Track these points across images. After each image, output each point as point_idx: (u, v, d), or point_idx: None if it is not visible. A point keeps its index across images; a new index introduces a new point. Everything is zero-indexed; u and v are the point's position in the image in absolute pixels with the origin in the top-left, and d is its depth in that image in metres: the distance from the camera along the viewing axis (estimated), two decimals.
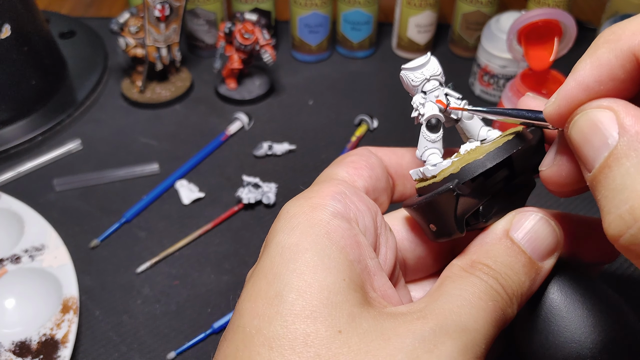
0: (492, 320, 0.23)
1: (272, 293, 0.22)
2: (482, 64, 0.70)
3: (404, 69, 0.27)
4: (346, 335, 0.21)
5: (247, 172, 0.62)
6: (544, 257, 0.25)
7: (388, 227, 0.28)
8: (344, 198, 0.25)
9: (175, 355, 0.47)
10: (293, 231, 0.24)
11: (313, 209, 0.24)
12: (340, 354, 0.20)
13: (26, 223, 0.53)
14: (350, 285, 0.23)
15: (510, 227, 0.25)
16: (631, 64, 0.20)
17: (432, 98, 0.27)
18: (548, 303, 0.25)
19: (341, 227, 0.24)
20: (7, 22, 0.62)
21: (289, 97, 0.74)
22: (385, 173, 0.30)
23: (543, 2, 0.72)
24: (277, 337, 0.21)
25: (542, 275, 0.25)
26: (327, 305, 0.22)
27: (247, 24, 0.66)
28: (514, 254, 0.24)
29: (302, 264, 0.23)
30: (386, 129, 0.69)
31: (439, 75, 0.27)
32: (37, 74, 0.67)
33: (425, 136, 0.27)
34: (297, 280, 0.22)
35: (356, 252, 0.24)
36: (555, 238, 0.25)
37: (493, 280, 0.24)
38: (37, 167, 0.63)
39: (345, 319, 0.21)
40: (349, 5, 0.76)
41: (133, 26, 0.67)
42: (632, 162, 0.18)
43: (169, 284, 0.52)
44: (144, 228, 0.57)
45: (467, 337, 0.22)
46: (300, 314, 0.21)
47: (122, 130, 0.68)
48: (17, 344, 0.44)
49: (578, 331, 0.24)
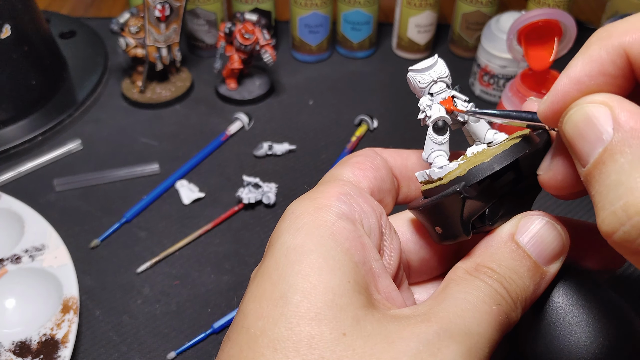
0: (496, 324, 0.23)
1: (277, 294, 0.22)
2: (482, 64, 0.70)
3: (411, 70, 0.27)
4: (351, 338, 0.21)
5: (247, 172, 0.62)
6: (549, 261, 0.25)
7: (392, 229, 0.28)
8: (349, 199, 0.25)
9: (175, 355, 0.47)
10: (298, 232, 0.24)
11: (318, 209, 0.24)
12: (345, 356, 0.20)
13: (26, 223, 0.53)
14: (355, 288, 0.23)
15: (516, 231, 0.25)
16: (622, 60, 0.20)
17: (439, 99, 0.27)
18: (553, 307, 0.25)
19: (346, 228, 0.24)
20: (7, 22, 0.62)
21: (289, 97, 0.74)
22: (390, 174, 0.29)
23: (543, 2, 0.72)
24: (282, 339, 0.21)
25: (547, 279, 0.25)
26: (332, 307, 0.21)
27: (247, 24, 0.66)
28: (519, 258, 0.24)
29: (307, 265, 0.22)
30: (386, 129, 0.69)
31: (447, 77, 0.27)
32: (37, 74, 0.67)
33: (432, 138, 0.27)
34: (302, 282, 0.22)
35: (361, 253, 0.24)
36: (561, 242, 0.25)
37: (497, 284, 0.24)
38: (38, 167, 0.63)
39: (350, 322, 0.21)
40: (349, 5, 0.76)
41: (133, 26, 0.67)
42: (626, 158, 0.18)
43: (169, 284, 0.52)
44: (144, 228, 0.57)
45: (470, 341, 0.22)
46: (304, 315, 0.21)
47: (122, 130, 0.68)
48: (18, 344, 0.44)
49: (583, 336, 0.24)
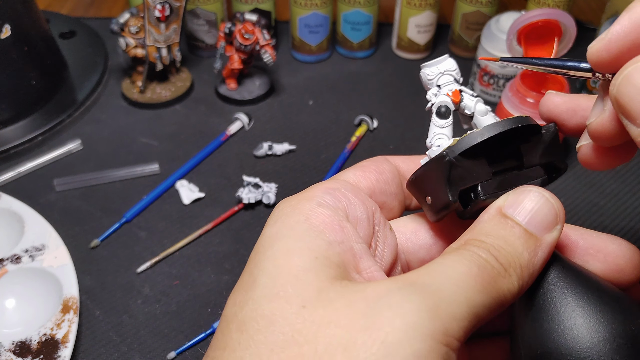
0: (478, 285, 0.21)
1: (250, 280, 0.23)
2: (482, 64, 0.70)
3: (422, 66, 0.29)
4: (310, 310, 0.21)
5: (247, 172, 0.62)
6: (543, 230, 0.24)
7: (388, 227, 0.28)
8: (335, 192, 0.26)
9: (176, 355, 0.47)
10: (276, 222, 0.24)
11: (299, 201, 0.25)
12: (303, 328, 0.20)
13: (26, 223, 0.53)
14: (324, 262, 0.22)
15: (504, 204, 0.24)
16: None
17: (445, 91, 0.28)
18: (547, 292, 0.24)
19: (323, 213, 0.24)
20: (7, 22, 0.62)
21: (289, 97, 0.74)
22: (396, 179, 0.30)
23: (543, 2, 0.72)
24: (247, 320, 0.21)
25: (544, 248, 0.24)
26: (294, 283, 0.22)
27: (247, 24, 0.66)
28: (508, 228, 0.24)
29: (276, 249, 0.23)
30: (386, 129, 0.69)
31: (454, 71, 0.28)
32: (37, 74, 0.67)
33: (435, 122, 0.28)
34: (270, 265, 0.23)
35: (338, 234, 0.24)
36: (553, 211, 0.24)
37: (483, 250, 0.23)
38: (38, 167, 0.63)
39: (312, 294, 0.21)
40: (349, 5, 0.76)
41: (133, 26, 0.67)
42: None
43: (169, 284, 0.52)
44: (144, 228, 0.57)
45: (438, 298, 0.20)
46: (267, 295, 0.22)
47: (122, 130, 0.68)
48: (18, 344, 0.44)
49: (580, 321, 0.23)
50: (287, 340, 0.20)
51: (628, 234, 0.55)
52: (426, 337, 0.19)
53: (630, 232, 0.56)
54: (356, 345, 0.19)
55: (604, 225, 0.56)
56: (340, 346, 0.19)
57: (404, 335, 0.19)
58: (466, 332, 0.21)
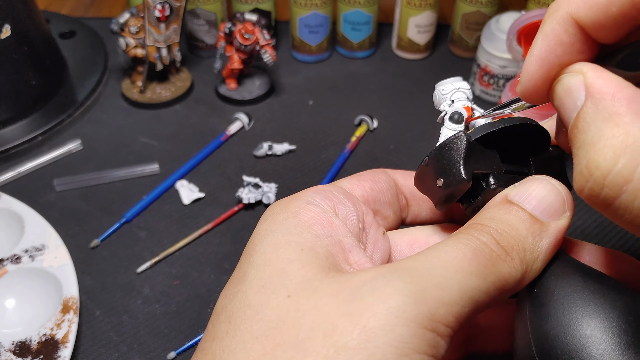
0: (472, 268, 0.21)
1: (240, 274, 0.23)
2: (482, 64, 0.70)
3: (437, 85, 0.30)
4: (295, 299, 0.21)
5: (247, 172, 0.62)
6: (549, 216, 0.23)
7: (381, 231, 0.28)
8: (326, 192, 0.26)
9: (175, 355, 0.47)
10: (266, 220, 0.25)
11: (290, 201, 0.26)
12: (287, 316, 0.20)
13: (26, 223, 0.53)
14: (310, 254, 0.23)
15: (510, 193, 0.24)
16: (573, 27, 0.21)
17: (459, 104, 0.30)
18: (550, 287, 0.24)
19: (312, 210, 0.25)
20: (7, 22, 0.62)
21: (289, 97, 0.74)
22: (392, 189, 0.30)
23: (543, 2, 0.72)
24: (235, 312, 0.22)
25: (550, 234, 0.23)
26: (280, 274, 0.22)
27: (247, 24, 0.66)
28: (512, 212, 0.23)
29: (266, 244, 0.24)
30: (386, 129, 0.69)
31: (467, 90, 0.30)
32: (37, 74, 0.67)
33: (447, 126, 0.29)
34: (259, 259, 0.23)
35: (326, 229, 0.24)
36: (559, 197, 0.24)
37: (484, 234, 0.22)
38: (38, 167, 0.63)
39: (297, 284, 0.21)
40: (349, 5, 0.76)
41: (133, 26, 0.67)
42: (591, 118, 0.19)
43: (169, 284, 0.52)
44: (144, 228, 0.57)
45: (426, 283, 0.20)
46: (254, 287, 0.22)
47: (122, 130, 0.68)
48: (17, 344, 0.44)
49: (581, 314, 0.23)
50: (271, 328, 0.20)
51: (637, 252, 0.55)
52: (409, 322, 0.19)
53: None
54: (337, 330, 0.19)
55: (613, 243, 0.56)
56: (321, 332, 0.19)
57: (386, 320, 0.19)
58: (459, 319, 0.20)
